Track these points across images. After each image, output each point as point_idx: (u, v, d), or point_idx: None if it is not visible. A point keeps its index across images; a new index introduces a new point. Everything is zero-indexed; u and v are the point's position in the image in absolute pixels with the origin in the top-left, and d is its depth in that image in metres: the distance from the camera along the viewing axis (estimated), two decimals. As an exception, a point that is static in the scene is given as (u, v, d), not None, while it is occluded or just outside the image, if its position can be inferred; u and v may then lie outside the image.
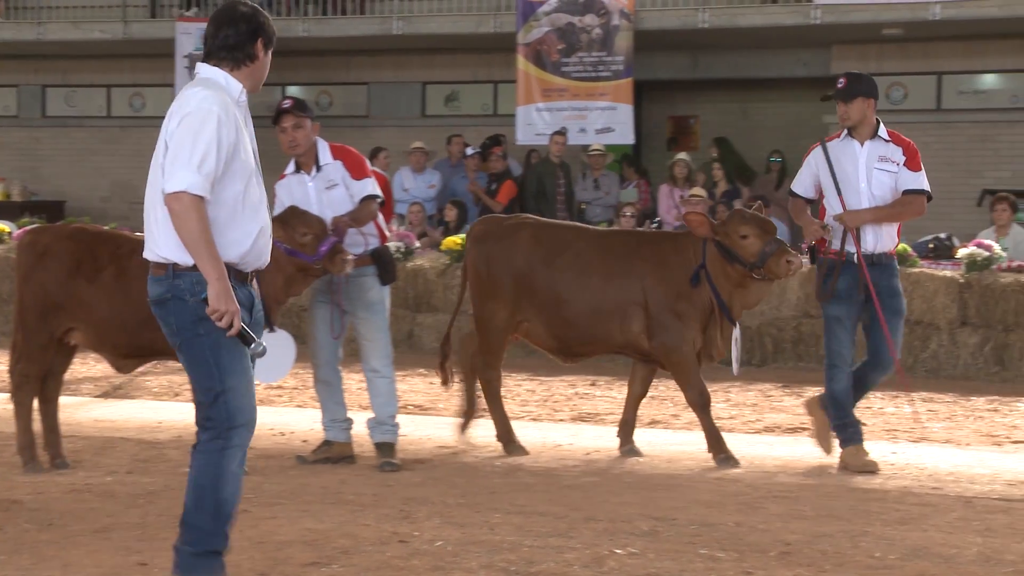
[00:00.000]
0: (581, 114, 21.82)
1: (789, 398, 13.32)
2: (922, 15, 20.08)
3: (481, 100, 24.33)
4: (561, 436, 11.07)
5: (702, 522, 7.86)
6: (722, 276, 9.77)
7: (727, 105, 24.38)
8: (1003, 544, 7.44)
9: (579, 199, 20.81)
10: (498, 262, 10.30)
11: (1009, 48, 20.99)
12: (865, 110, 9.77)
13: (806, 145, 25.30)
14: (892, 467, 9.72)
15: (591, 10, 21.69)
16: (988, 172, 20.97)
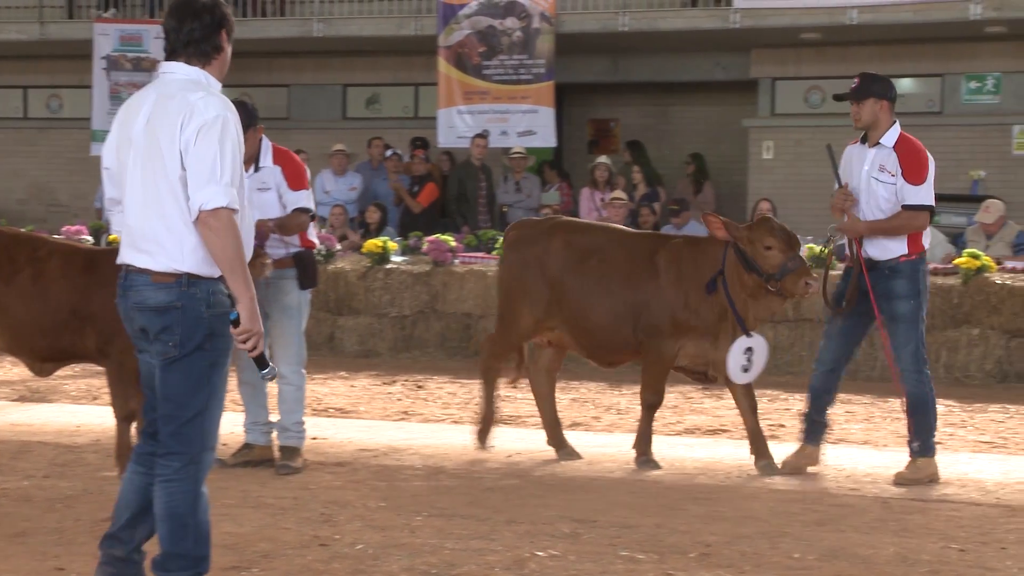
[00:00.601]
0: (503, 117, 21.83)
1: (709, 400, 13.37)
2: (840, 19, 20.23)
3: (402, 103, 24.29)
4: (482, 439, 11.05)
5: (623, 524, 7.88)
6: (737, 284, 9.57)
7: (647, 108, 24.47)
8: (919, 544, 7.51)
9: (501, 202, 20.84)
10: (531, 267, 10.15)
11: (924, 53, 21.20)
12: (877, 112, 9.50)
13: (725, 148, 25.61)
14: (811, 469, 9.78)
15: (512, 13, 21.71)
16: (906, 175, 21.13)
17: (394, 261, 16.84)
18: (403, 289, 16.56)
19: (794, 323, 15.14)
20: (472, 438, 10.56)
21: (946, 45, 21.03)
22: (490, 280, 16.21)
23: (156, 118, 5.89)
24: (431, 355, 16.36)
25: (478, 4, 21.81)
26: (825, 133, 21.72)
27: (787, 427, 11.78)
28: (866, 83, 9.58)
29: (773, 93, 22.19)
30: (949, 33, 20.51)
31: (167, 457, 5.92)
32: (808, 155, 21.87)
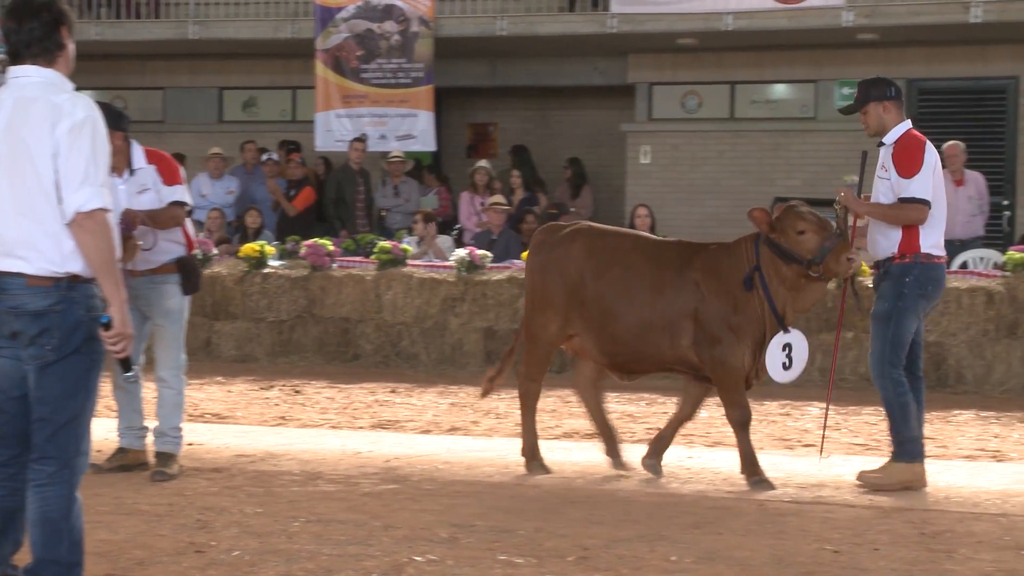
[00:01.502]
0: (381, 121, 21.78)
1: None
2: (715, 25, 20.40)
3: (279, 106, 24.15)
4: (361, 444, 11.02)
5: (501, 528, 7.88)
6: (776, 278, 9.28)
7: (526, 113, 24.52)
8: (795, 546, 7.58)
9: (379, 206, 20.80)
10: (551, 272, 9.82)
11: (798, 59, 21.44)
12: (881, 114, 9.40)
13: (604, 152, 25.70)
14: (688, 471, 9.84)
15: (390, 17, 21.65)
16: (780, 180, 21.37)
17: (271, 265, 16.73)
18: (281, 294, 16.46)
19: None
20: (607, 461, 10.00)
21: (819, 52, 21.29)
22: (368, 284, 16.17)
23: (18, 122, 5.81)
24: (309, 360, 16.27)
25: (356, 7, 21.74)
26: (702, 138, 22.04)
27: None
28: (864, 90, 9.50)
29: (650, 98, 22.33)
30: (822, 40, 20.76)
31: (40, 462, 5.84)
32: (685, 159, 22.06)
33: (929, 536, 7.86)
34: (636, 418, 12.55)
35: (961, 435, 11.71)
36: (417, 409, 13.11)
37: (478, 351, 15.91)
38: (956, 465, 10.25)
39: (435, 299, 16.01)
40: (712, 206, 21.53)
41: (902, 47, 20.81)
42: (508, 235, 18.47)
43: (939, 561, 7.29)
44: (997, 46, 20.47)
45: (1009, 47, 20.42)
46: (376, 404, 13.40)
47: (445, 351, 16.00)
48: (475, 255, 16.16)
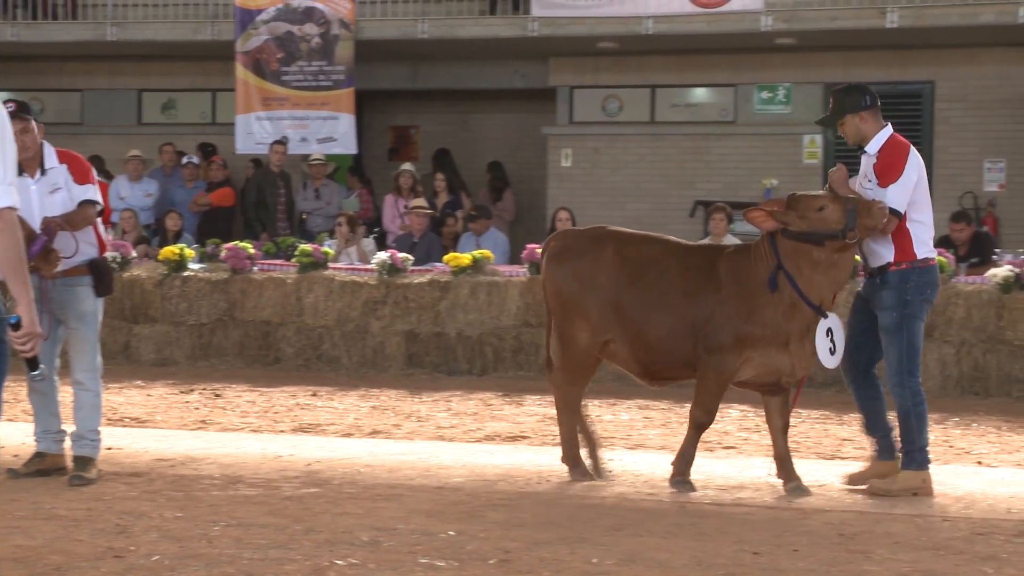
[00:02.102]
0: (302, 123, 21.71)
1: (509, 407, 13.44)
2: (635, 29, 20.47)
3: (199, 108, 24.00)
4: (282, 447, 10.98)
5: (423, 531, 7.88)
6: (808, 266, 9.05)
7: (447, 116, 24.50)
8: (715, 548, 7.62)
9: (300, 209, 20.74)
10: (581, 280, 9.58)
11: (718, 63, 21.55)
12: (859, 124, 9.38)
13: (525, 156, 25.69)
14: (609, 474, 9.86)
15: (310, 19, 21.58)
16: (700, 184, 21.48)
17: (191, 269, 16.64)
18: (201, 297, 16.37)
19: None
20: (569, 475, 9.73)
21: (738, 56, 21.42)
22: (289, 287, 16.12)
23: None
24: (230, 363, 16.20)
25: (276, 10, 21.65)
26: (623, 141, 22.12)
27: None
28: (838, 102, 9.46)
29: (571, 101, 22.37)
30: (741, 44, 20.89)
31: None
32: (606, 163, 22.13)
33: (847, 537, 7.92)
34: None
35: (879, 436, 11.80)
36: (338, 412, 13.08)
37: (400, 354, 15.90)
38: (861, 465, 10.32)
39: (356, 302, 15.98)
40: (633, 209, 21.60)
41: (820, 51, 20.97)
42: (430, 238, 18.47)
43: (857, 562, 7.35)
44: (913, 51, 20.67)
45: (925, 52, 20.62)
46: (297, 407, 13.35)
47: (367, 354, 15.97)
48: (396, 258, 16.14)
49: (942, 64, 20.61)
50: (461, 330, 15.70)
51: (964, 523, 8.36)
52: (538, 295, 15.40)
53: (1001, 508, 8.84)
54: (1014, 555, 7.49)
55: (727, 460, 10.63)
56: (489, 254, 16.30)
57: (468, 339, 15.70)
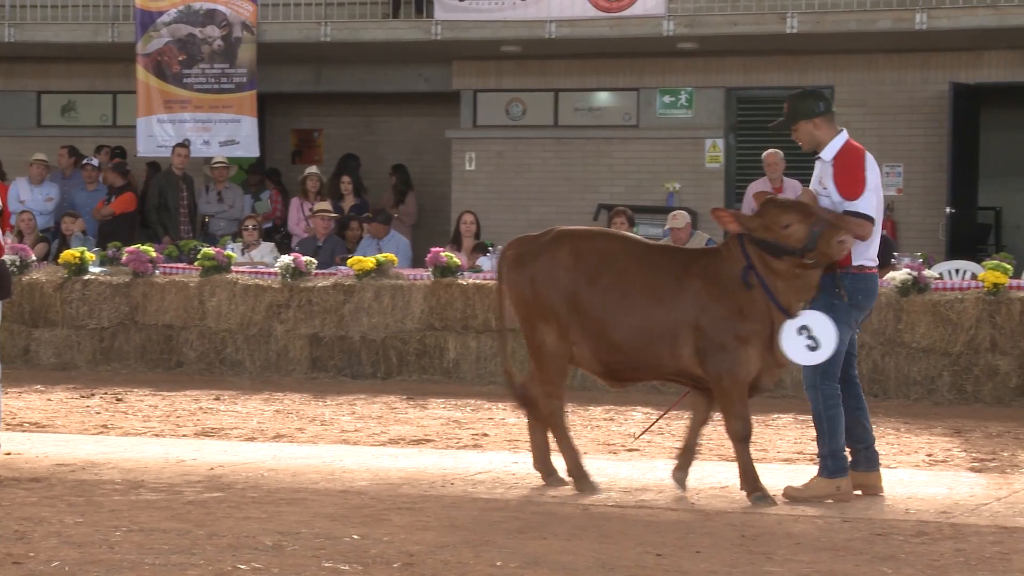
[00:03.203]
0: (205, 126, 21.59)
1: (414, 410, 13.44)
2: (538, 33, 20.54)
3: (100, 111, 23.80)
4: (184, 452, 10.91)
5: (327, 535, 7.86)
6: (771, 273, 9.03)
7: (350, 119, 24.45)
8: (618, 550, 7.65)
9: (202, 212, 20.62)
10: (540, 284, 9.39)
11: (621, 67, 21.65)
12: (812, 131, 9.26)
13: (429, 159, 25.69)
14: (514, 476, 9.89)
15: (212, 21, 21.46)
16: (603, 187, 21.58)
17: (92, 272, 16.51)
18: (102, 300, 16.25)
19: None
20: (575, 488, 9.45)
21: (641, 60, 21.53)
22: (192, 291, 16.03)
23: None
24: (131, 367, 16.09)
25: (177, 12, 21.51)
26: (526, 145, 22.17)
27: (490, 436, 11.91)
28: (793, 107, 9.39)
29: (475, 105, 22.40)
30: (644, 48, 21.01)
31: None
32: (510, 166, 22.17)
33: (749, 538, 7.99)
34: (462, 424, 12.59)
35: (780, 438, 11.91)
36: (242, 416, 13.02)
37: (303, 358, 15.85)
38: (775, 468, 10.42)
39: (260, 306, 15.91)
40: (537, 212, 21.65)
41: (722, 56, 21.14)
42: (334, 242, 18.44)
43: (759, 563, 7.41)
44: (813, 56, 20.88)
45: (824, 57, 20.83)
46: (200, 411, 13.28)
47: (270, 358, 15.91)
48: (300, 261, 16.08)
49: (841, 69, 20.84)
50: (365, 333, 15.67)
51: (864, 524, 8.45)
52: (442, 299, 15.43)
53: (900, 509, 8.94)
54: (912, 555, 7.59)
55: (630, 462, 10.68)
56: (393, 257, 16.29)
57: (372, 342, 15.68)
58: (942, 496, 9.33)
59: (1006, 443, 11.66)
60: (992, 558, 7.54)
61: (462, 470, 10.10)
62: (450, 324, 15.47)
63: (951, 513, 8.74)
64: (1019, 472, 10.38)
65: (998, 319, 13.94)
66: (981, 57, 20.40)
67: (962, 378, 14.17)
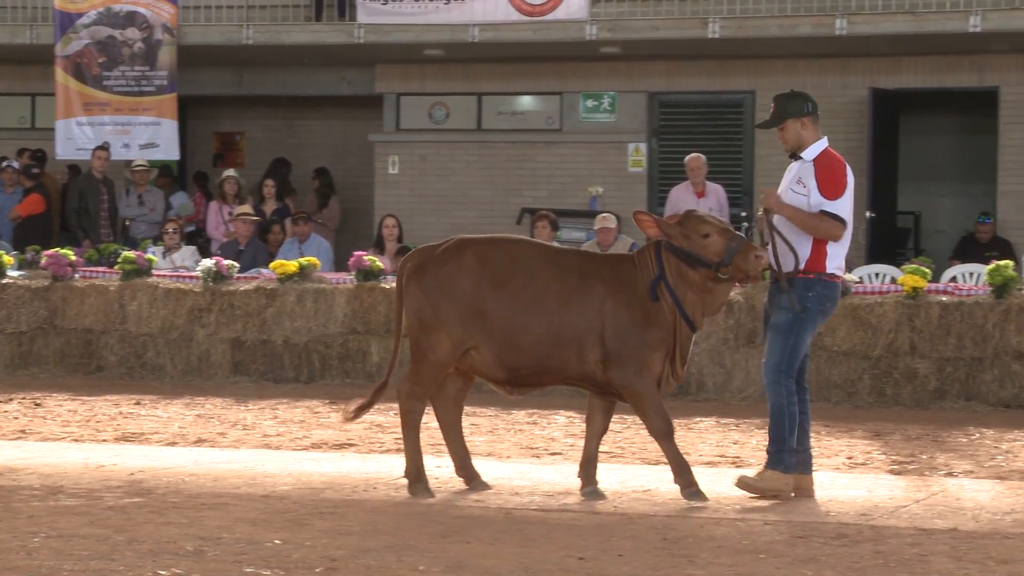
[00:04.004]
0: (125, 129, 21.44)
1: (336, 415, 13.39)
2: (462, 37, 20.54)
3: (18, 113, 23.60)
4: (104, 457, 10.82)
5: (248, 540, 7.82)
6: (683, 283, 9.07)
7: (273, 122, 24.37)
8: (541, 554, 7.66)
9: (123, 215, 20.48)
10: (442, 292, 9.26)
11: (544, 71, 21.69)
12: (799, 130, 9.33)
13: (352, 163, 25.67)
14: (437, 481, 9.87)
15: (133, 24, 21.32)
16: (527, 191, 21.61)
17: (10, 276, 16.36)
18: (20, 304, 16.11)
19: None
20: (407, 492, 9.40)
21: (564, 64, 21.58)
22: (112, 295, 15.91)
23: None
24: (50, 372, 15.96)
25: (97, 14, 21.36)
26: (449, 149, 22.16)
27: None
28: (781, 106, 9.41)
29: (398, 108, 22.38)
30: (567, 52, 21.05)
31: None
32: (433, 170, 22.16)
33: (671, 541, 8.01)
34: (385, 428, 12.55)
35: (702, 442, 11.97)
36: (163, 421, 12.93)
37: (225, 362, 15.77)
38: (698, 471, 10.45)
39: (181, 309, 15.82)
40: (460, 216, 21.66)
41: (644, 60, 21.22)
42: (256, 245, 18.35)
43: (681, 566, 7.44)
44: (735, 61, 21.00)
45: (746, 62, 20.96)
46: (120, 416, 13.18)
47: (192, 362, 15.82)
48: (222, 265, 16.00)
49: (762, 74, 20.97)
50: (288, 337, 15.61)
51: (785, 526, 8.50)
52: (365, 302, 15.39)
53: (820, 511, 9.00)
54: (832, 557, 7.64)
55: (553, 466, 10.69)
56: (316, 261, 16.24)
57: (295, 346, 15.62)
58: (862, 498, 9.40)
59: (925, 446, 11.77)
60: (911, 560, 7.60)
61: (385, 474, 10.08)
62: (373, 328, 15.43)
63: (871, 515, 8.80)
64: (937, 474, 10.49)
65: (917, 323, 14.06)
66: (900, 63, 20.59)
67: (882, 381, 14.28)
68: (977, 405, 13.91)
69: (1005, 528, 8.46)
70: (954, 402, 14.00)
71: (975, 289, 14.59)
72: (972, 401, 13.98)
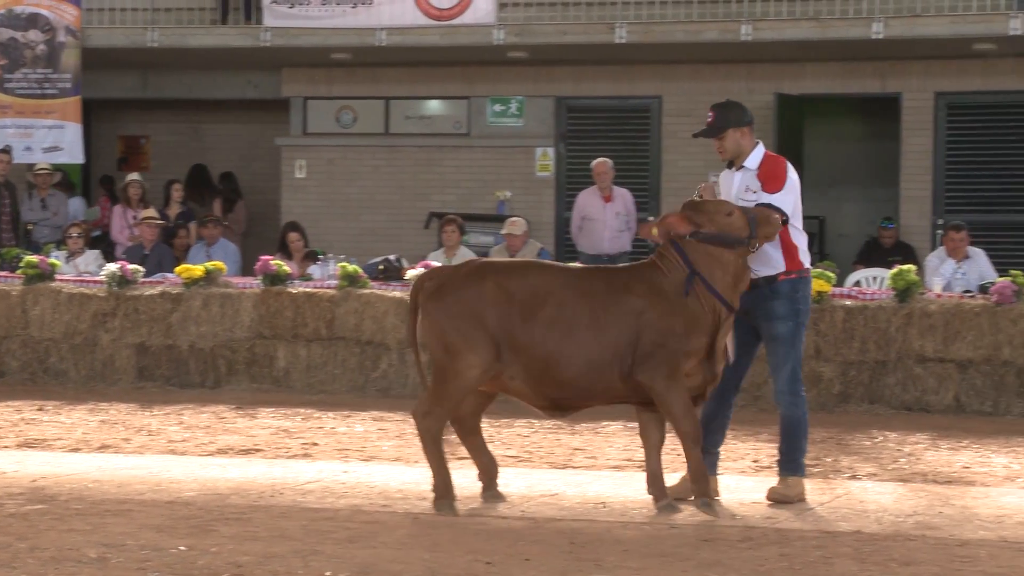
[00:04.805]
0: (27, 132, 21.21)
1: (243, 420, 13.33)
2: (368, 41, 20.49)
3: (-82, 116, 23.29)
4: (5, 464, 10.70)
5: (153, 547, 7.76)
6: (718, 269, 8.91)
7: (178, 125, 24.21)
8: (448, 559, 7.66)
9: (25, 219, 20.25)
10: (469, 316, 8.91)
11: (451, 75, 21.69)
12: (739, 140, 9.32)
13: (259, 167, 25.52)
14: (344, 486, 9.85)
15: (35, 25, 21.10)
16: (435, 196, 21.59)
17: (-91, 281, 16.16)
18: (-80, 310, 15.91)
19: (328, 341, 15.23)
20: (432, 507, 9.07)
21: (472, 69, 21.58)
22: (14, 299, 15.74)
23: None
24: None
25: (-1, 15, 21.13)
26: (357, 153, 22.11)
27: (320, 445, 11.84)
28: (721, 115, 9.38)
29: (305, 112, 22.29)
30: (474, 57, 21.06)
31: None
32: (340, 174, 22.09)
33: (579, 546, 8.03)
34: (291, 433, 12.50)
35: (610, 446, 12.00)
36: (66, 427, 12.81)
37: (130, 367, 15.65)
38: (605, 475, 10.51)
39: (85, 314, 15.68)
40: (368, 221, 21.63)
41: (552, 65, 21.26)
42: (161, 250, 18.22)
43: (587, 570, 7.46)
44: (641, 66, 21.10)
45: (652, 67, 21.06)
46: (22, 422, 13.04)
47: (96, 367, 15.68)
48: (127, 269, 15.88)
49: (669, 79, 21.09)
50: (193, 342, 15.52)
51: (691, 530, 8.54)
52: (272, 307, 15.32)
53: (726, 514, 9.05)
54: (738, 560, 7.69)
55: (461, 470, 10.67)
56: (222, 266, 16.14)
57: (201, 351, 15.52)
58: (768, 501, 9.46)
59: (829, 449, 11.86)
60: (815, 562, 7.67)
61: (291, 480, 10.04)
62: (280, 333, 15.37)
63: (776, 518, 8.87)
64: (841, 477, 10.58)
65: (821, 327, 14.17)
66: (804, 68, 20.77)
67: (787, 385, 14.37)
68: (880, 408, 14.05)
69: (907, 530, 8.55)
70: (858, 405, 14.13)
71: (878, 293, 14.74)
72: (875, 404, 14.13)
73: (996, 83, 20.23)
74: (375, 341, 15.13)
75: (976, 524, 8.77)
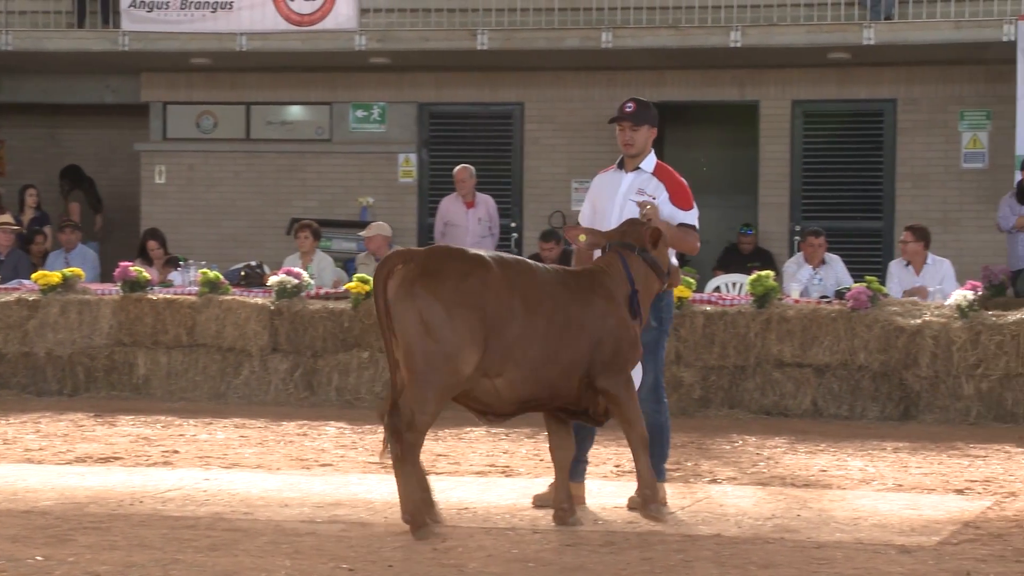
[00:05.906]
0: None
1: (102, 427, 13.18)
2: (229, 46, 20.35)
3: None
4: None
5: (8, 558, 7.66)
6: (647, 293, 8.95)
7: (35, 130, 23.88)
8: (310, 565, 7.64)
9: None
10: (468, 306, 8.28)
11: (313, 81, 21.61)
12: (648, 138, 9.40)
13: (117, 172, 25.26)
14: (205, 494, 9.78)
15: None
16: (297, 201, 21.50)
17: None
18: None
19: (188, 348, 15.10)
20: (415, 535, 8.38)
21: (334, 74, 21.51)
22: None
23: None
24: None
25: None
26: (217, 159, 21.94)
27: (181, 453, 11.74)
28: (643, 109, 9.40)
29: (164, 117, 22.08)
30: (336, 62, 21.00)
31: None
32: (200, 180, 21.92)
33: (441, 551, 8.05)
34: (151, 441, 12.39)
35: (472, 451, 12.02)
36: (-78, 437, 12.59)
37: (-17, 376, 15.42)
38: (468, 481, 10.53)
39: (-62, 322, 15.42)
40: (229, 227, 21.49)
41: (414, 71, 21.26)
42: (17, 255, 17.97)
43: (450, 575, 7.48)
44: (503, 73, 21.16)
45: (514, 74, 21.13)
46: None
47: (-51, 376, 15.43)
48: (-19, 276, 15.65)
49: (530, 86, 21.17)
50: (51, 349, 15.31)
51: (554, 535, 8.59)
52: (131, 314, 15.16)
53: (588, 519, 9.11)
54: (600, 564, 7.75)
55: (323, 477, 10.65)
56: (80, 272, 15.95)
57: (58, 359, 15.32)
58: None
59: (689, 453, 11.98)
60: (676, 566, 7.75)
61: (152, 488, 9.95)
62: (140, 339, 15.21)
63: (637, 523, 8.94)
64: (702, 481, 10.69)
65: (682, 332, 14.30)
66: (664, 76, 20.96)
67: (648, 390, 14.49)
68: (740, 412, 14.21)
69: (766, 533, 8.67)
70: (718, 410, 14.28)
71: (738, 299, 14.91)
72: (735, 409, 14.28)
73: (851, 91, 20.58)
74: (236, 348, 15.02)
75: (833, 527, 8.91)
